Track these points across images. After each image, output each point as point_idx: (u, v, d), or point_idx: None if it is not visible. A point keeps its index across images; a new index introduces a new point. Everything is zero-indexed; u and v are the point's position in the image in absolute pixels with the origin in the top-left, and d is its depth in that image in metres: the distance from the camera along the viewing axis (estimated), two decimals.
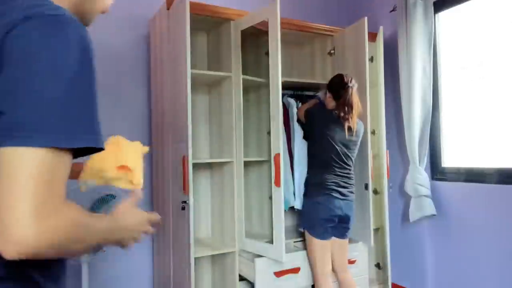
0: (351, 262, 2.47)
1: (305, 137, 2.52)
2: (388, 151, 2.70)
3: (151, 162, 2.64)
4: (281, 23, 2.18)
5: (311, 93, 2.85)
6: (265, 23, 2.18)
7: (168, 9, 2.26)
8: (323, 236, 2.23)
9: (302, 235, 2.46)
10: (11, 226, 0.55)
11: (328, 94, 2.35)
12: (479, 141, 2.52)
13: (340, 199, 2.23)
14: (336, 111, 2.27)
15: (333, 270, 2.37)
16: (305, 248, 2.37)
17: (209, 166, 2.64)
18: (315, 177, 2.32)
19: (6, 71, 0.59)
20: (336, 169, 2.26)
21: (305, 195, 2.38)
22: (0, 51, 0.59)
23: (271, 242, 2.19)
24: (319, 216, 2.23)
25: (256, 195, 2.60)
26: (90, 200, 2.19)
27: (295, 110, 2.59)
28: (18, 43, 0.59)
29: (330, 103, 2.33)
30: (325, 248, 2.25)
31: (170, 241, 2.28)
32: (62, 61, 0.61)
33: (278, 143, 2.12)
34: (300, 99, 2.74)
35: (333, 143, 2.23)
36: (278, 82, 2.11)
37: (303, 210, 2.37)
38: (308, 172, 2.42)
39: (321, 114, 2.33)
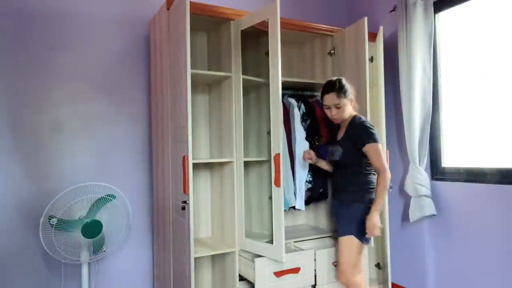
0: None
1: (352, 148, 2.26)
2: (388, 151, 2.70)
3: (151, 162, 2.65)
4: (281, 23, 2.18)
5: (311, 93, 2.86)
6: (265, 23, 2.18)
7: (168, 9, 2.26)
8: (368, 240, 2.24)
9: (333, 240, 2.38)
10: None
11: (352, 99, 2.28)
12: (479, 141, 2.52)
13: None
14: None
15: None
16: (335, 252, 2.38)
17: (209, 166, 2.64)
18: (369, 178, 2.22)
19: None
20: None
21: (357, 200, 2.20)
22: None
23: (271, 242, 2.20)
24: None
25: (256, 195, 2.60)
26: (91, 199, 2.19)
27: (296, 110, 2.59)
28: None
29: (355, 107, 2.32)
30: None
31: (170, 241, 2.29)
32: None
33: (278, 143, 2.12)
34: (300, 99, 2.74)
35: None
36: (278, 82, 2.11)
37: (358, 216, 2.18)
38: (360, 172, 2.23)
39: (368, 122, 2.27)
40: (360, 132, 2.18)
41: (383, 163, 2.14)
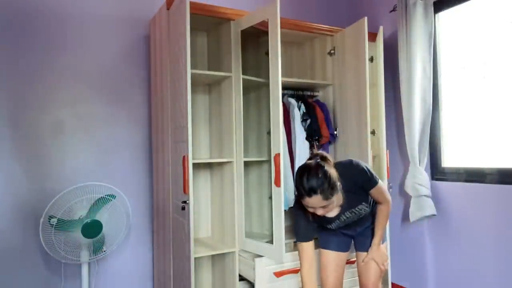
0: (351, 262, 2.47)
1: None
2: (388, 151, 2.70)
3: (151, 162, 2.65)
4: (281, 23, 2.19)
5: (311, 93, 2.86)
6: (265, 23, 2.18)
7: (168, 9, 2.26)
8: None
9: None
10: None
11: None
12: (479, 141, 2.52)
13: None
14: None
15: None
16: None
17: (209, 166, 2.64)
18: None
19: None
20: None
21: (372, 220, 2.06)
22: None
23: (271, 242, 2.20)
24: None
25: (256, 195, 2.60)
26: (91, 199, 2.19)
27: (296, 110, 2.59)
28: None
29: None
30: None
31: (170, 241, 2.29)
32: None
33: (278, 143, 2.12)
34: (300, 99, 2.74)
35: None
36: (278, 82, 2.11)
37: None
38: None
39: None
40: (363, 178, 1.84)
41: (388, 195, 1.93)
